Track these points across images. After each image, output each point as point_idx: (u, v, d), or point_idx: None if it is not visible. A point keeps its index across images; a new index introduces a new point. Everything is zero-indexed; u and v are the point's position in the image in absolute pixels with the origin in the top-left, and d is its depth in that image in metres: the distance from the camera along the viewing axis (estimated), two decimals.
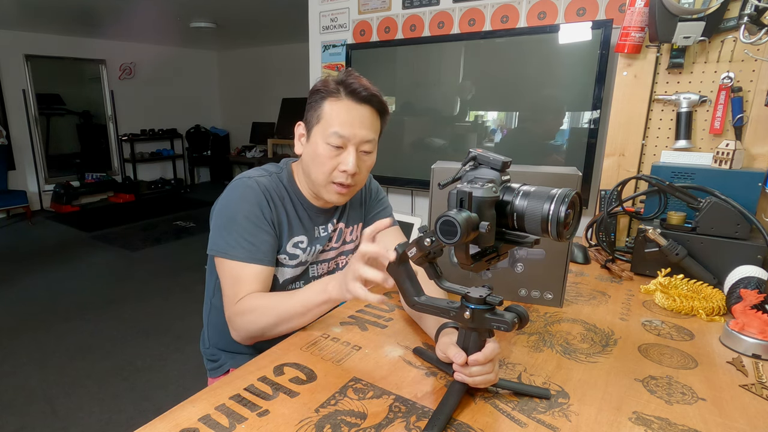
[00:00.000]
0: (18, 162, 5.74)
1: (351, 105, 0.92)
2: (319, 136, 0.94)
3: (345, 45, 2.52)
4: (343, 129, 0.92)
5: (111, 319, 3.00)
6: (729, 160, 1.28)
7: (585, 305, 1.09)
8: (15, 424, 1.99)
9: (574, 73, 1.89)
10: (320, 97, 0.94)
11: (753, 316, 0.91)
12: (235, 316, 0.92)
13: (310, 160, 0.96)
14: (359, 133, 0.93)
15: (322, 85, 0.94)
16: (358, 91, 0.92)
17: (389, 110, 1.00)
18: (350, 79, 0.93)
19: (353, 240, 1.16)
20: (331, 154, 0.93)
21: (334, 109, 0.92)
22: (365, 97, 0.93)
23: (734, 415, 0.70)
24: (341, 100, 0.92)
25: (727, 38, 1.36)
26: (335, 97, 0.93)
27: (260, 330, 0.91)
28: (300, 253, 1.03)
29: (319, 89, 0.94)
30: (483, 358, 0.69)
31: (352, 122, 0.92)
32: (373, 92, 0.94)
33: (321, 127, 0.93)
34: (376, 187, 1.21)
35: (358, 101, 0.93)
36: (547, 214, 0.61)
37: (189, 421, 0.66)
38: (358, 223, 1.16)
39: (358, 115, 0.93)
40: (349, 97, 0.92)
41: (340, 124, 0.92)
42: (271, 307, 0.89)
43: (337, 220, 1.10)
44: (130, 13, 4.64)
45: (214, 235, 0.96)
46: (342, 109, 0.92)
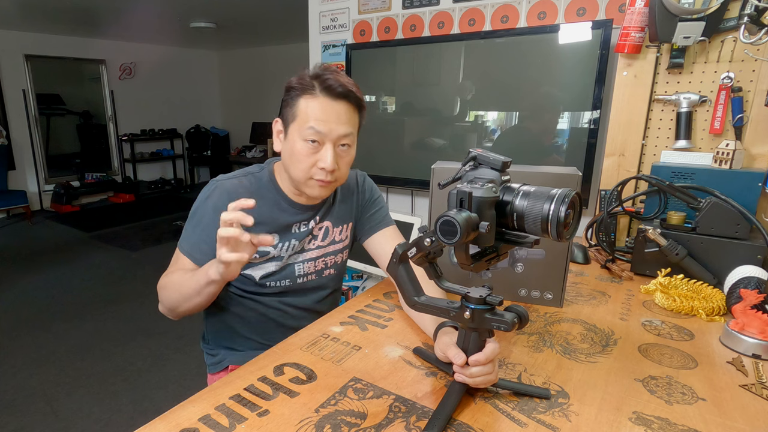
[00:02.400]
0: (18, 162, 5.74)
1: (326, 101, 0.91)
2: (295, 133, 0.93)
3: (345, 45, 2.52)
4: (319, 125, 0.90)
5: (111, 319, 3.00)
6: (729, 160, 1.28)
7: (585, 305, 1.09)
8: (15, 424, 1.99)
9: (574, 73, 1.89)
10: (296, 94, 0.92)
11: (753, 316, 0.91)
12: (159, 289, 0.97)
13: (288, 157, 0.96)
14: (336, 129, 0.92)
15: (297, 81, 0.93)
16: (333, 87, 0.91)
17: (365, 105, 0.99)
18: (326, 75, 0.91)
19: (342, 240, 1.14)
20: (308, 151, 0.92)
21: (309, 105, 0.91)
22: (341, 93, 0.91)
23: (734, 415, 0.70)
24: (316, 97, 0.91)
25: (727, 38, 1.36)
26: (310, 93, 0.91)
27: (172, 305, 0.95)
28: (270, 249, 1.02)
29: (294, 86, 0.93)
30: (484, 359, 0.69)
31: (328, 118, 0.91)
32: (349, 88, 0.92)
33: (297, 124, 0.92)
34: (370, 187, 1.18)
35: (334, 97, 0.91)
36: (547, 214, 0.61)
37: (189, 421, 0.66)
38: (348, 222, 1.14)
39: (334, 111, 0.91)
40: (325, 93, 0.91)
41: (316, 120, 0.90)
42: (175, 285, 0.93)
43: (320, 218, 1.08)
44: (130, 13, 4.64)
45: None
46: (317, 106, 0.91)
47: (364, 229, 1.15)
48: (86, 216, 5.75)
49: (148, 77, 6.92)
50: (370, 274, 2.73)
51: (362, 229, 1.16)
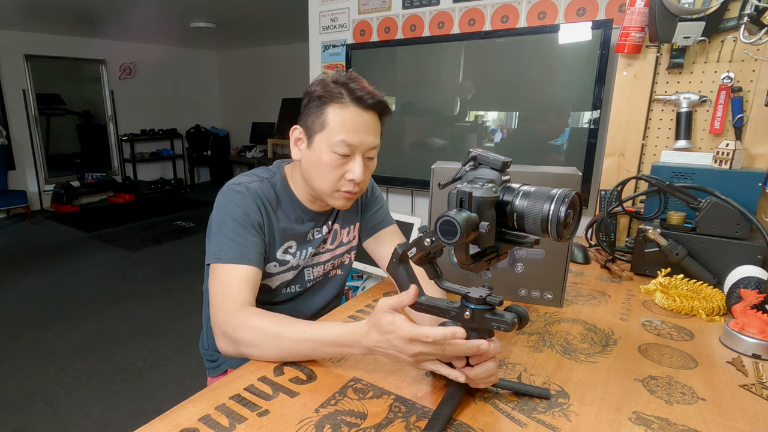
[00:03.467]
0: (18, 162, 5.74)
1: (357, 112, 0.88)
2: (323, 144, 0.89)
3: (345, 45, 2.52)
4: (351, 137, 0.87)
5: (111, 319, 3.00)
6: (729, 160, 1.28)
7: (585, 305, 1.09)
8: (15, 424, 1.99)
9: (574, 73, 1.89)
10: (322, 102, 0.88)
11: (753, 316, 0.91)
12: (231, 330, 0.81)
13: (313, 167, 0.92)
14: (366, 140, 0.89)
15: (322, 89, 0.88)
16: (364, 98, 0.88)
17: (391, 111, 0.97)
18: (353, 84, 0.88)
19: (350, 241, 1.14)
20: (337, 163, 0.89)
21: (338, 116, 0.87)
22: (371, 105, 0.89)
23: (734, 415, 0.70)
24: (347, 107, 0.87)
25: (727, 38, 1.36)
26: (340, 103, 0.87)
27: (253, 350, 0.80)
28: (290, 258, 1.01)
29: (320, 94, 0.88)
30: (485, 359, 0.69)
31: (359, 130, 0.88)
32: (378, 98, 0.90)
33: (326, 134, 0.88)
34: (371, 185, 1.17)
35: (365, 108, 0.88)
36: (547, 214, 0.61)
37: (189, 421, 0.66)
38: (354, 223, 1.13)
39: (364, 122, 0.88)
40: (355, 104, 0.87)
41: (346, 132, 0.87)
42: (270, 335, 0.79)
43: (332, 222, 1.07)
44: (130, 13, 4.64)
45: (208, 244, 0.93)
46: (348, 117, 0.87)
47: (365, 228, 1.15)
48: (86, 216, 5.75)
49: (148, 77, 6.92)
50: (370, 274, 2.73)
51: (363, 229, 1.15)
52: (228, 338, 0.82)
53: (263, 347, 0.79)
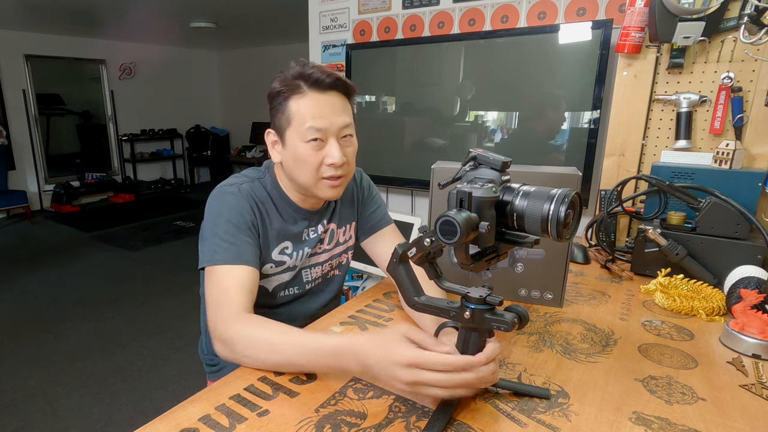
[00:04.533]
0: (18, 162, 5.74)
1: (317, 96, 0.87)
2: (295, 138, 0.89)
3: (345, 45, 2.52)
4: (317, 122, 0.87)
5: (111, 319, 3.00)
6: (729, 160, 1.28)
7: (585, 305, 1.09)
8: (15, 424, 1.99)
9: (574, 73, 1.89)
10: (283, 98, 0.89)
11: (753, 316, 0.91)
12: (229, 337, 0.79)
13: (293, 163, 0.91)
14: (335, 120, 0.88)
15: (280, 84, 0.89)
16: (321, 79, 0.87)
17: (355, 89, 0.94)
18: (308, 70, 0.87)
19: (346, 240, 1.13)
20: (312, 151, 0.88)
21: (300, 105, 0.87)
22: (330, 84, 0.88)
23: (734, 415, 0.70)
24: (306, 95, 0.87)
25: (727, 38, 1.36)
26: (299, 93, 0.87)
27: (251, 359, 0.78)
28: (287, 258, 1.00)
29: (280, 90, 0.88)
30: (484, 359, 0.68)
31: (324, 113, 0.87)
32: (336, 76, 0.88)
33: (294, 128, 0.88)
34: (367, 183, 1.16)
35: (324, 89, 0.88)
36: (547, 214, 0.61)
37: (189, 421, 0.66)
38: (350, 222, 1.12)
39: (327, 104, 0.88)
40: (313, 88, 0.87)
41: (313, 117, 0.87)
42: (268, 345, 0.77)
43: (327, 221, 1.06)
44: (130, 13, 4.64)
45: (201, 248, 0.92)
46: (310, 103, 0.87)
47: (363, 228, 1.14)
48: (86, 216, 5.75)
49: (148, 77, 6.92)
50: (370, 274, 2.73)
51: (361, 229, 1.14)
52: (225, 345, 0.80)
53: (261, 357, 0.77)
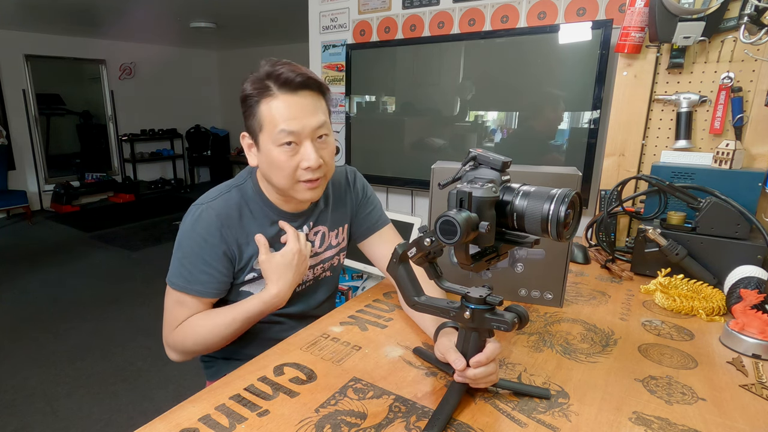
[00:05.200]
0: (18, 162, 5.74)
1: (288, 98, 0.84)
2: (268, 142, 0.86)
3: (345, 45, 2.52)
4: (289, 125, 0.83)
5: (111, 319, 3.00)
6: (729, 160, 1.28)
7: (585, 305, 1.09)
8: (15, 424, 1.99)
9: (574, 73, 1.89)
10: (254, 102, 0.86)
11: (753, 316, 0.91)
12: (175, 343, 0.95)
13: (268, 168, 0.89)
14: (308, 122, 0.85)
15: (250, 87, 0.86)
16: (291, 79, 0.83)
17: (328, 87, 0.91)
18: (278, 69, 0.84)
19: (339, 243, 1.11)
20: (287, 155, 0.86)
21: (272, 108, 0.84)
22: (301, 83, 0.84)
23: (734, 415, 0.70)
24: (276, 97, 0.84)
25: (727, 38, 1.36)
26: (268, 95, 0.84)
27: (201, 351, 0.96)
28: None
29: (250, 93, 0.85)
30: (485, 359, 0.68)
31: (296, 115, 0.84)
32: (307, 75, 0.85)
33: (266, 132, 0.86)
34: (362, 184, 1.12)
35: (294, 90, 0.84)
36: (547, 214, 0.61)
37: (189, 421, 0.66)
38: (343, 224, 1.11)
39: (298, 106, 0.84)
40: (283, 90, 0.84)
41: (284, 121, 0.83)
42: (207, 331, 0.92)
43: (314, 223, 1.04)
44: (130, 13, 4.64)
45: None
46: (281, 105, 0.84)
47: (360, 230, 1.12)
48: (86, 216, 5.75)
49: (148, 77, 6.92)
50: (370, 274, 2.73)
51: (358, 231, 1.13)
52: (175, 352, 0.97)
53: (208, 345, 0.93)
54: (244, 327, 0.93)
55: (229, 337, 0.93)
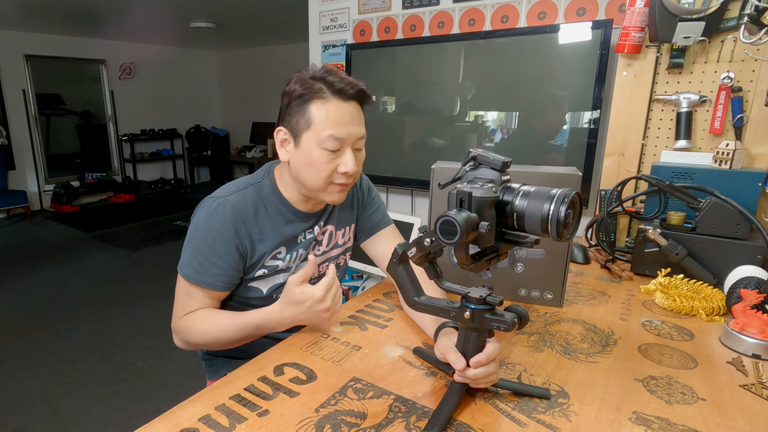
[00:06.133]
0: (18, 162, 5.74)
1: (340, 105, 0.88)
2: (312, 142, 0.88)
3: (345, 45, 2.52)
4: (338, 131, 0.87)
5: (111, 319, 3.00)
6: (729, 160, 1.28)
7: (585, 305, 1.09)
8: (15, 424, 1.99)
9: (574, 73, 1.89)
10: (304, 100, 0.88)
11: (753, 316, 0.91)
12: (181, 330, 0.96)
13: (304, 166, 0.91)
14: (354, 132, 0.89)
15: (302, 87, 0.88)
16: (345, 89, 0.87)
17: (373, 100, 0.96)
18: (331, 77, 0.88)
19: (345, 242, 1.13)
20: (328, 158, 0.89)
21: (322, 111, 0.87)
22: (353, 95, 0.89)
23: (734, 415, 0.70)
24: (329, 101, 0.87)
25: (727, 38, 1.36)
26: (321, 98, 0.87)
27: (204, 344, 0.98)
28: (279, 263, 1.01)
29: (301, 92, 0.88)
30: (485, 359, 0.68)
31: (344, 122, 0.88)
32: (359, 87, 0.89)
33: (312, 132, 0.88)
34: (367, 185, 1.16)
35: (346, 99, 0.88)
36: (547, 214, 0.61)
37: (189, 421, 0.66)
38: (350, 224, 1.12)
39: (348, 114, 0.89)
40: (337, 97, 0.88)
41: (333, 126, 0.87)
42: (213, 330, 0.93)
43: (324, 223, 1.06)
44: (130, 13, 4.64)
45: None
46: (332, 111, 0.87)
47: (363, 229, 1.14)
48: (86, 216, 5.75)
49: (148, 77, 6.92)
50: (370, 274, 2.73)
51: (361, 230, 1.15)
52: (180, 339, 0.98)
53: (208, 343, 0.96)
54: (241, 334, 0.93)
55: (227, 340, 0.94)
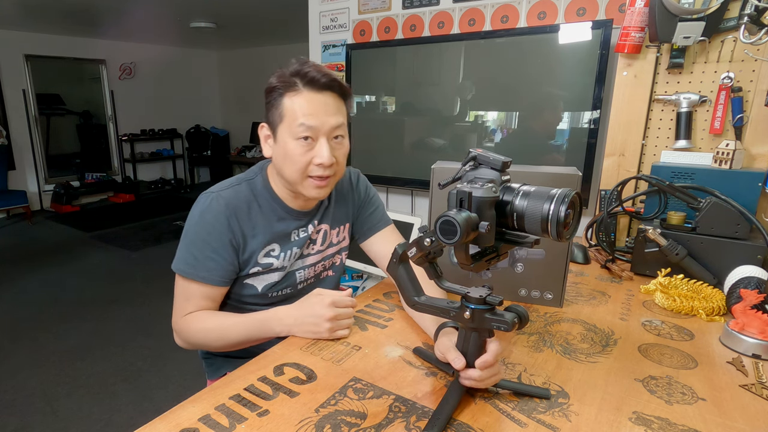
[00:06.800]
0: (18, 162, 5.74)
1: (312, 95, 0.88)
2: (286, 133, 0.90)
3: (345, 45, 2.52)
4: (309, 120, 0.87)
5: (111, 319, 3.00)
6: (729, 160, 1.28)
7: (585, 305, 1.09)
8: (15, 424, 1.99)
9: (574, 73, 1.89)
10: (278, 94, 0.90)
11: (753, 316, 0.91)
12: (182, 330, 0.97)
13: (282, 159, 0.92)
14: (327, 120, 0.89)
15: (277, 80, 0.90)
16: (316, 78, 0.88)
17: (351, 92, 0.96)
18: (305, 68, 0.88)
19: (340, 241, 1.13)
20: (302, 149, 0.89)
21: (294, 103, 0.88)
22: (325, 84, 0.89)
23: (734, 415, 0.70)
24: (301, 92, 0.88)
25: (727, 38, 1.36)
26: (294, 90, 0.88)
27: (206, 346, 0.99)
28: (273, 261, 1.00)
29: (276, 86, 0.90)
30: (492, 359, 0.68)
31: (317, 112, 0.88)
32: (332, 77, 0.90)
33: (286, 123, 0.89)
34: (364, 185, 1.15)
35: (319, 89, 0.89)
36: (547, 214, 0.61)
37: (189, 421, 0.66)
38: (345, 223, 1.12)
39: (321, 104, 0.89)
40: (309, 87, 0.88)
41: (304, 115, 0.87)
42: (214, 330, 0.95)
43: (318, 222, 1.06)
44: (130, 13, 4.64)
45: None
46: (304, 101, 0.88)
47: (362, 230, 1.14)
48: (86, 216, 5.75)
49: (148, 77, 6.92)
50: (370, 274, 2.73)
51: (360, 230, 1.15)
52: (182, 339, 0.99)
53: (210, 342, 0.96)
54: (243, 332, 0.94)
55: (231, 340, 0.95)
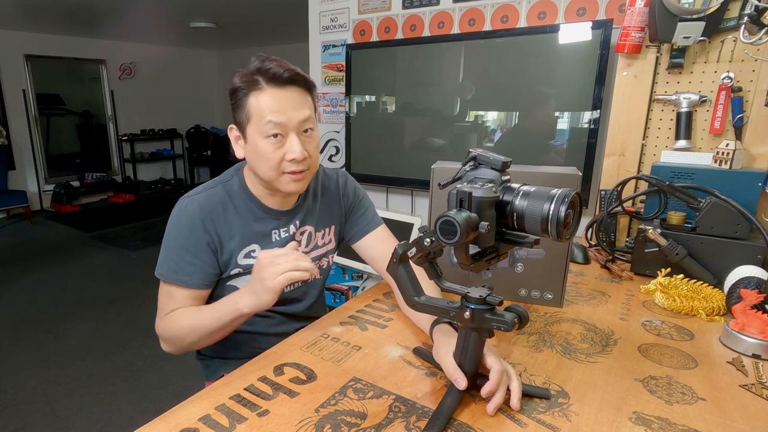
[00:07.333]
0: (18, 162, 5.74)
1: (276, 91, 0.87)
2: (255, 133, 0.89)
3: (345, 45, 2.52)
4: (276, 117, 0.87)
5: (111, 319, 3.00)
6: (729, 160, 1.28)
7: (585, 305, 1.09)
8: (15, 424, 1.99)
9: (574, 73, 1.89)
10: (243, 94, 0.89)
11: (753, 316, 0.91)
12: (163, 331, 0.96)
13: (254, 159, 0.92)
14: (294, 115, 0.88)
15: (240, 80, 0.89)
16: (278, 74, 0.87)
17: (314, 84, 0.95)
18: (267, 65, 0.87)
19: (326, 243, 1.12)
20: (273, 147, 0.89)
21: (260, 101, 0.87)
22: (288, 79, 0.88)
23: (734, 415, 0.70)
24: (264, 90, 0.87)
25: (727, 38, 1.36)
26: (257, 88, 0.87)
27: (186, 344, 0.95)
28: (253, 261, 0.98)
29: (239, 86, 0.89)
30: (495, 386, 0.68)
31: (283, 108, 0.87)
32: (295, 71, 0.89)
33: (254, 123, 0.89)
34: (353, 187, 1.14)
35: (282, 84, 0.88)
36: (547, 214, 0.61)
37: (189, 421, 0.66)
38: (330, 225, 1.11)
39: (286, 99, 0.88)
40: (272, 84, 0.87)
41: (271, 113, 0.87)
42: (188, 325, 0.92)
43: (301, 222, 1.05)
44: (130, 13, 4.64)
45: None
46: (269, 98, 0.87)
47: (352, 231, 1.13)
48: (86, 216, 5.75)
49: (148, 77, 6.92)
50: (370, 274, 2.73)
51: (351, 232, 1.14)
52: (164, 341, 0.97)
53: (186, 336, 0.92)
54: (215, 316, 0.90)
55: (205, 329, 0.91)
